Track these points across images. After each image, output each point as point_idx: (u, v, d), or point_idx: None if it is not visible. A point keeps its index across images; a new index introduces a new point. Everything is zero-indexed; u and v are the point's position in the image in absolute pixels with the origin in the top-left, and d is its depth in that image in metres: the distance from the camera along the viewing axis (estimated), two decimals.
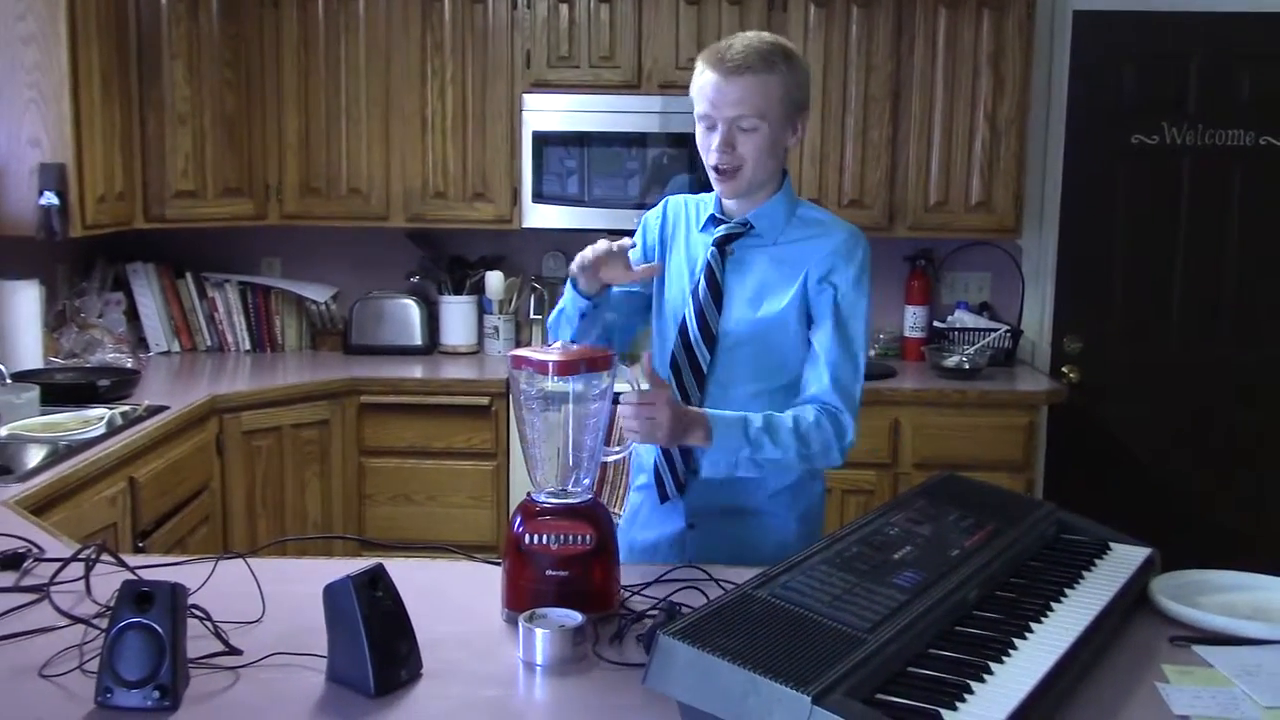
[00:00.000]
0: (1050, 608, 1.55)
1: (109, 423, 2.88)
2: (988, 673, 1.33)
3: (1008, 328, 4.11)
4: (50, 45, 3.19)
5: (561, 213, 3.91)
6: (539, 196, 3.90)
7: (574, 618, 1.52)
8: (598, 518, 1.65)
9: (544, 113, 3.86)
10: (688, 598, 1.66)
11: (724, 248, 1.98)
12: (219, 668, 1.45)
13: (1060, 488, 4.03)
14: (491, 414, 3.76)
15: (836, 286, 1.93)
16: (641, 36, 3.88)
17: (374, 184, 3.99)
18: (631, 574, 1.76)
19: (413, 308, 4.19)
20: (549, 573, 1.61)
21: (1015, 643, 1.42)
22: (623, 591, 1.69)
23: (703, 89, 1.91)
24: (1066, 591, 1.62)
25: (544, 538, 1.62)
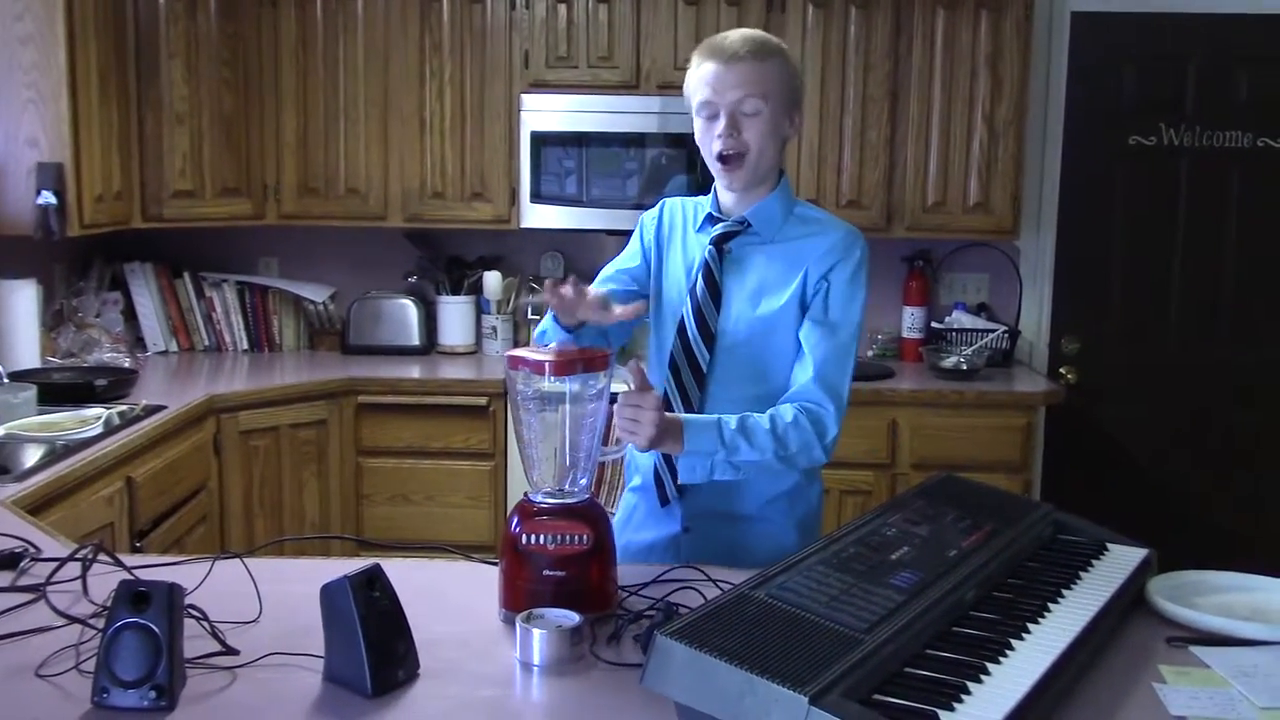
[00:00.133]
0: (1047, 608, 1.55)
1: (106, 422, 2.88)
2: (985, 673, 1.33)
3: (1005, 328, 4.11)
4: (48, 45, 3.18)
5: (560, 213, 3.91)
6: (537, 196, 3.90)
7: (571, 618, 1.52)
8: (595, 518, 1.65)
9: (542, 113, 3.86)
10: (685, 598, 1.66)
11: (722, 246, 1.97)
12: (216, 668, 1.44)
13: (1058, 488, 4.03)
14: (489, 414, 3.76)
15: (830, 283, 1.92)
16: (640, 37, 3.88)
17: (372, 184, 3.99)
18: (629, 574, 1.75)
19: (411, 308, 4.19)
20: (546, 573, 1.61)
21: (1012, 643, 1.42)
22: (620, 592, 1.69)
23: (702, 78, 1.90)
24: (1064, 592, 1.62)
25: (541, 538, 1.62)
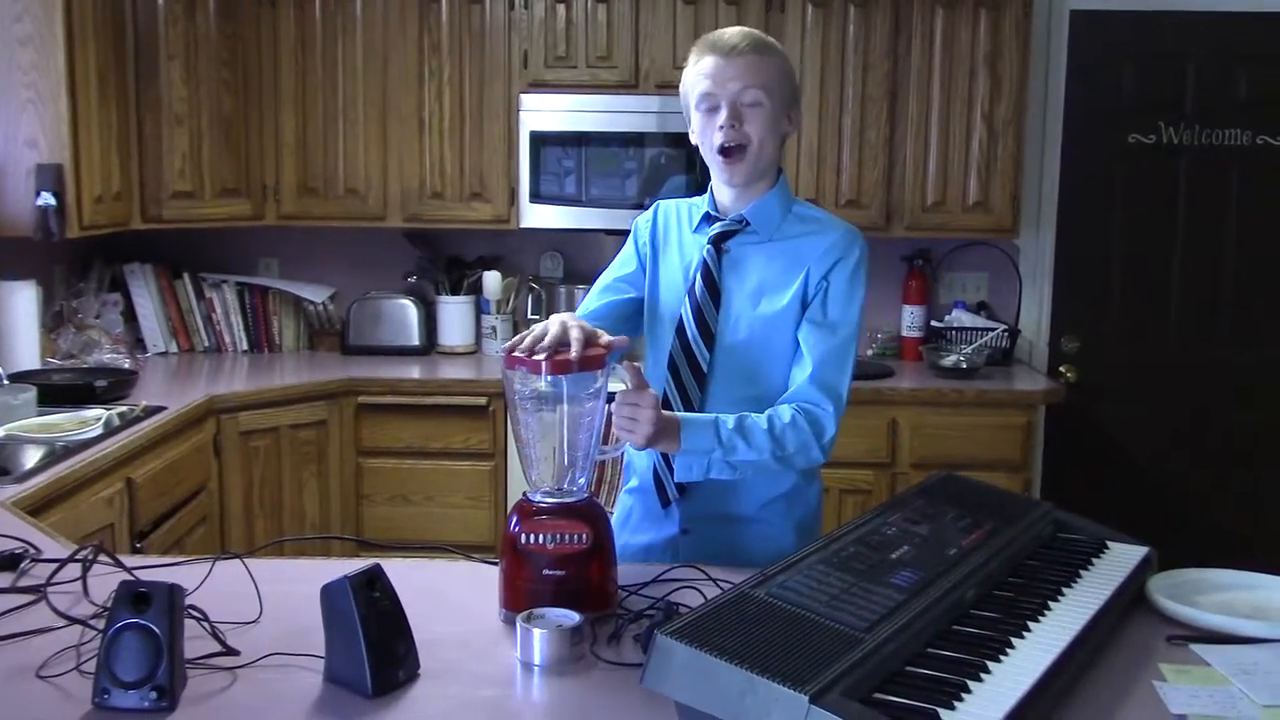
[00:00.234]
0: (1048, 607, 1.55)
1: (106, 423, 2.88)
2: (985, 672, 1.33)
3: (1005, 327, 4.11)
4: (47, 46, 3.18)
5: (559, 213, 3.91)
6: (536, 196, 3.90)
7: (571, 617, 1.52)
8: (594, 517, 1.65)
9: (541, 113, 3.86)
10: (685, 597, 1.66)
11: (720, 246, 1.96)
12: (216, 668, 1.44)
13: (1058, 487, 4.03)
14: (489, 414, 3.76)
15: (830, 283, 1.92)
16: (639, 36, 3.88)
17: (371, 184, 3.99)
18: (629, 574, 1.75)
19: (410, 308, 4.19)
20: (546, 572, 1.60)
21: (1013, 642, 1.42)
22: (620, 591, 1.69)
23: (703, 72, 1.90)
24: (1064, 590, 1.62)
25: (540, 537, 1.61)
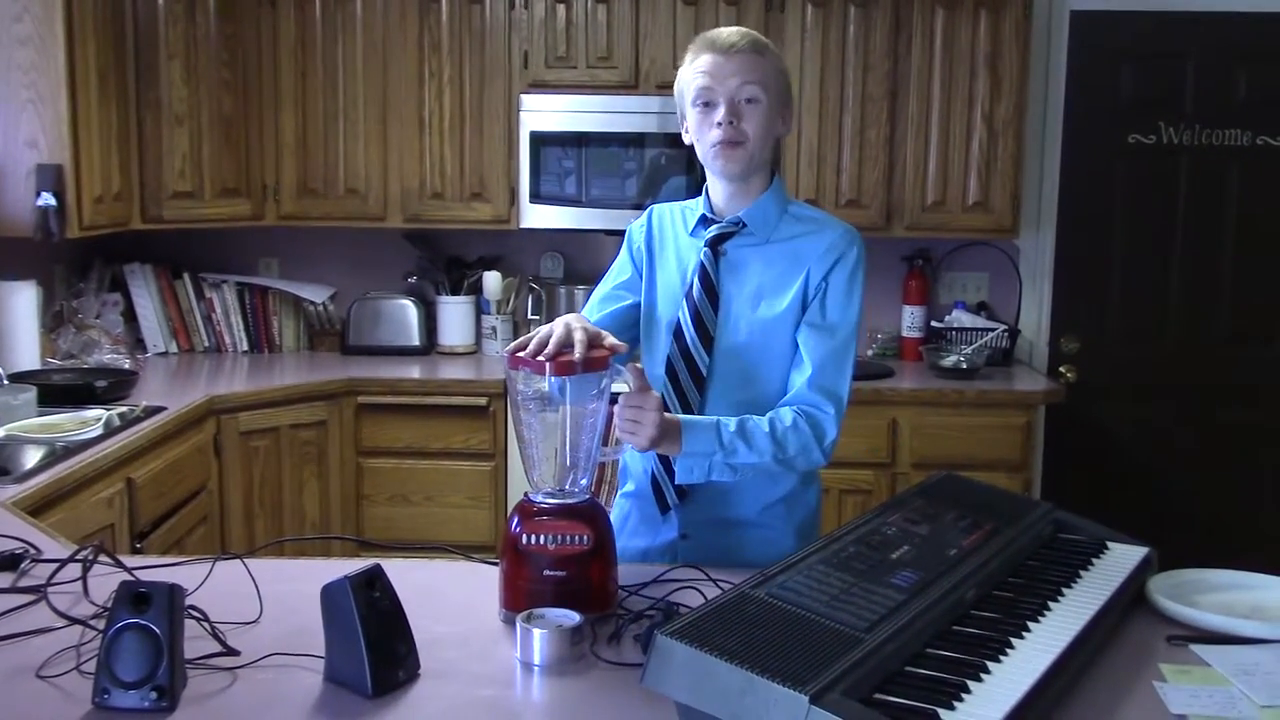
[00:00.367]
0: (1048, 607, 1.55)
1: (106, 423, 2.88)
2: (985, 672, 1.33)
3: (1005, 327, 4.11)
4: (47, 46, 3.18)
5: (559, 213, 3.91)
6: (536, 197, 3.90)
7: (571, 618, 1.52)
8: (595, 518, 1.65)
9: (541, 113, 3.86)
10: (685, 598, 1.66)
11: (717, 248, 1.96)
12: (217, 668, 1.45)
13: (1058, 487, 4.03)
14: (489, 414, 3.76)
15: (829, 284, 1.91)
16: (639, 37, 3.88)
17: (371, 184, 3.99)
18: (629, 574, 1.75)
19: (410, 308, 4.19)
20: (546, 573, 1.61)
21: (1013, 642, 1.42)
22: (620, 591, 1.69)
23: (700, 69, 1.90)
24: (1064, 591, 1.62)
25: (541, 538, 1.62)
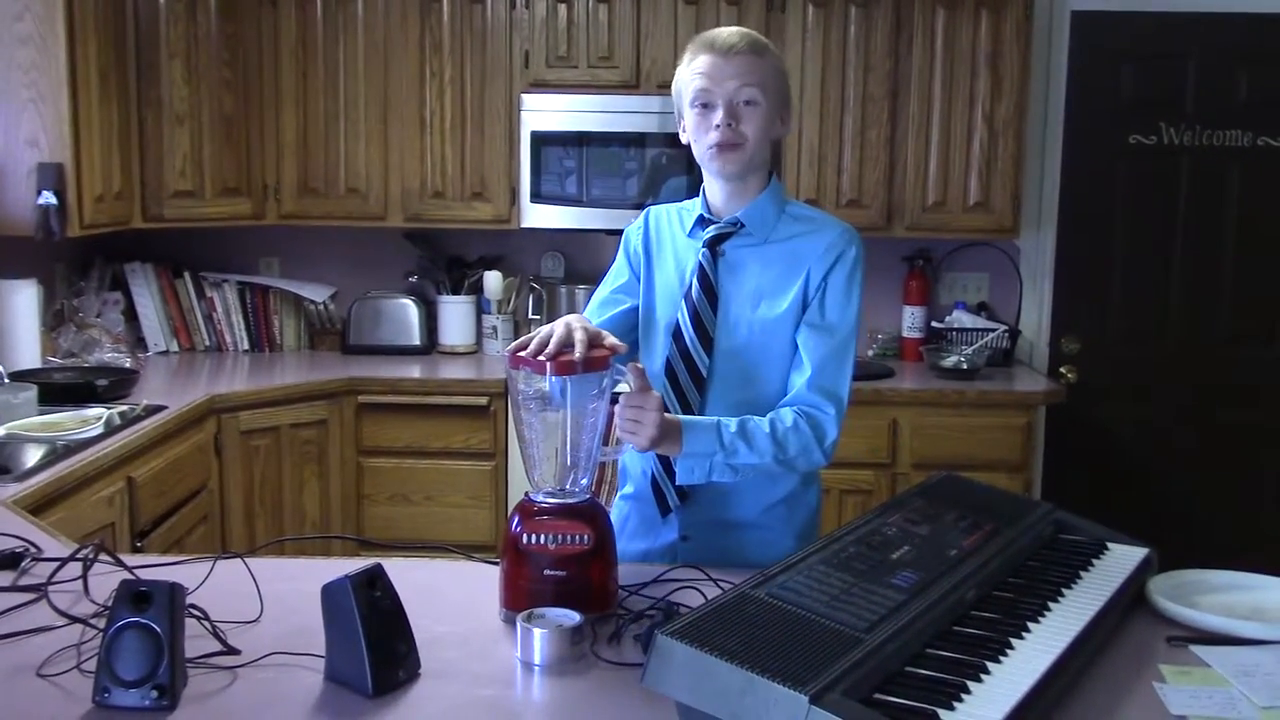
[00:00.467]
0: (1048, 607, 1.55)
1: (107, 422, 2.88)
2: (985, 672, 1.33)
3: (1006, 328, 4.11)
4: (48, 45, 3.18)
5: (560, 213, 3.91)
6: (537, 196, 3.90)
7: (572, 617, 1.52)
8: (596, 517, 1.65)
9: (542, 113, 3.86)
10: (685, 598, 1.66)
11: (715, 249, 1.95)
12: (217, 667, 1.45)
13: (1058, 488, 4.03)
14: (490, 414, 3.76)
15: (828, 283, 1.91)
16: (640, 36, 3.88)
17: (372, 184, 3.99)
18: (629, 574, 1.76)
19: (411, 308, 4.19)
20: (547, 572, 1.61)
21: (1013, 642, 1.42)
22: (621, 591, 1.69)
23: (698, 70, 1.89)
24: (1064, 591, 1.62)
25: (542, 537, 1.62)
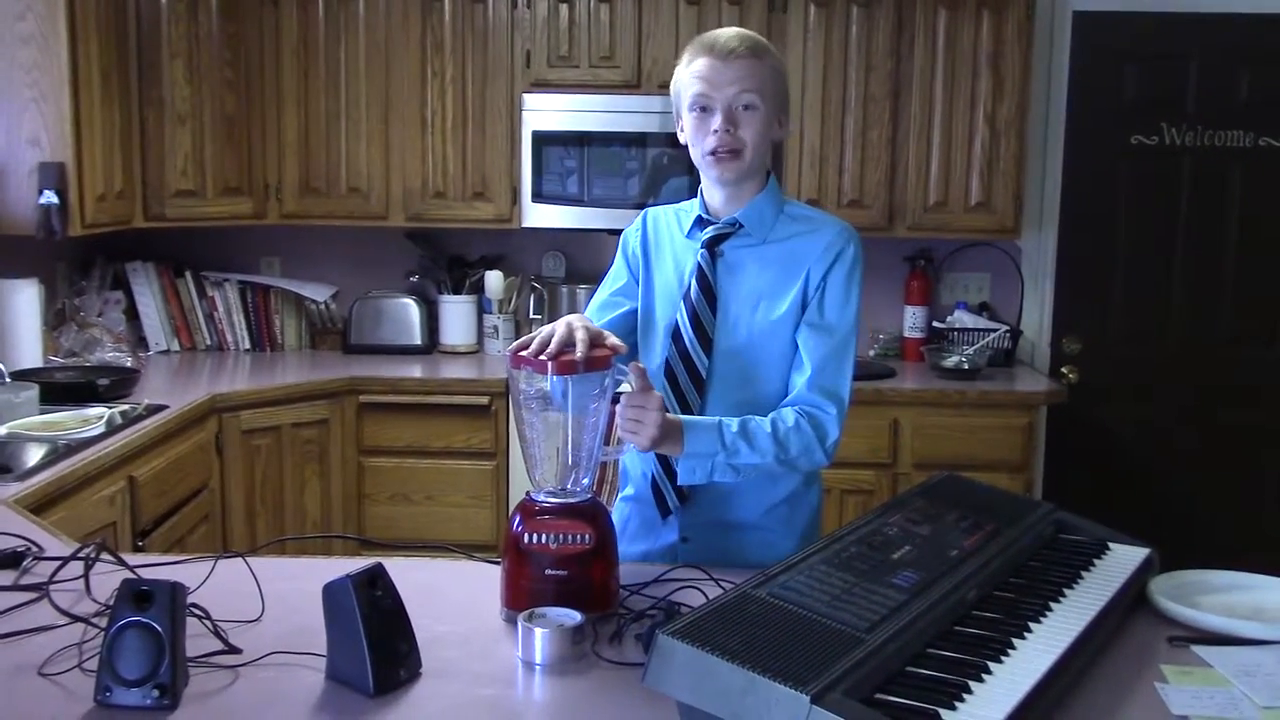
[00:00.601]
0: (1049, 608, 1.55)
1: (108, 422, 2.88)
2: (987, 672, 1.33)
3: (1007, 328, 4.11)
4: (50, 44, 3.19)
5: (561, 212, 3.91)
6: (539, 196, 3.90)
7: (573, 617, 1.52)
8: (597, 517, 1.65)
9: (544, 112, 3.86)
10: (686, 597, 1.66)
11: (714, 249, 1.95)
12: (218, 666, 1.45)
13: (1059, 488, 4.03)
14: (491, 413, 3.76)
15: (827, 283, 1.91)
16: (641, 36, 3.88)
17: (373, 183, 3.99)
18: (630, 573, 1.76)
19: (412, 307, 4.19)
20: (548, 572, 1.61)
21: (1014, 642, 1.42)
22: (622, 591, 1.69)
23: (697, 74, 1.87)
24: (1065, 591, 1.62)
25: (543, 537, 1.62)
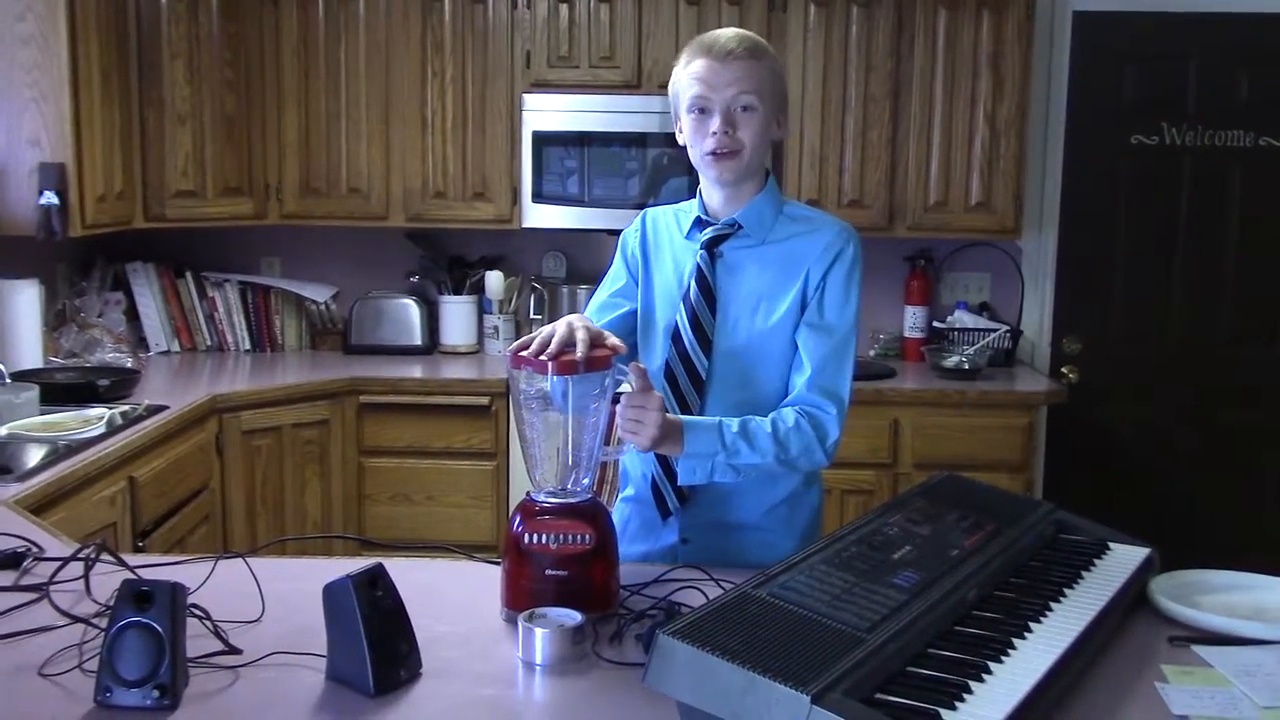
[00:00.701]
0: (1049, 608, 1.55)
1: (109, 422, 2.88)
2: (987, 672, 1.33)
3: (1007, 328, 4.11)
4: (50, 45, 3.19)
5: (561, 213, 3.91)
6: (539, 196, 3.90)
7: (573, 617, 1.52)
8: (597, 517, 1.65)
9: (544, 113, 3.86)
10: (687, 597, 1.66)
11: (713, 250, 1.94)
12: (218, 667, 1.45)
13: (1059, 488, 4.03)
14: (491, 414, 3.76)
15: (827, 283, 1.90)
16: (641, 36, 3.88)
17: (374, 184, 3.99)
18: (631, 574, 1.76)
19: (412, 307, 4.19)
20: (548, 572, 1.61)
21: (1014, 642, 1.42)
22: (622, 591, 1.69)
23: (695, 75, 1.87)
24: (1066, 591, 1.62)
25: (543, 537, 1.62)
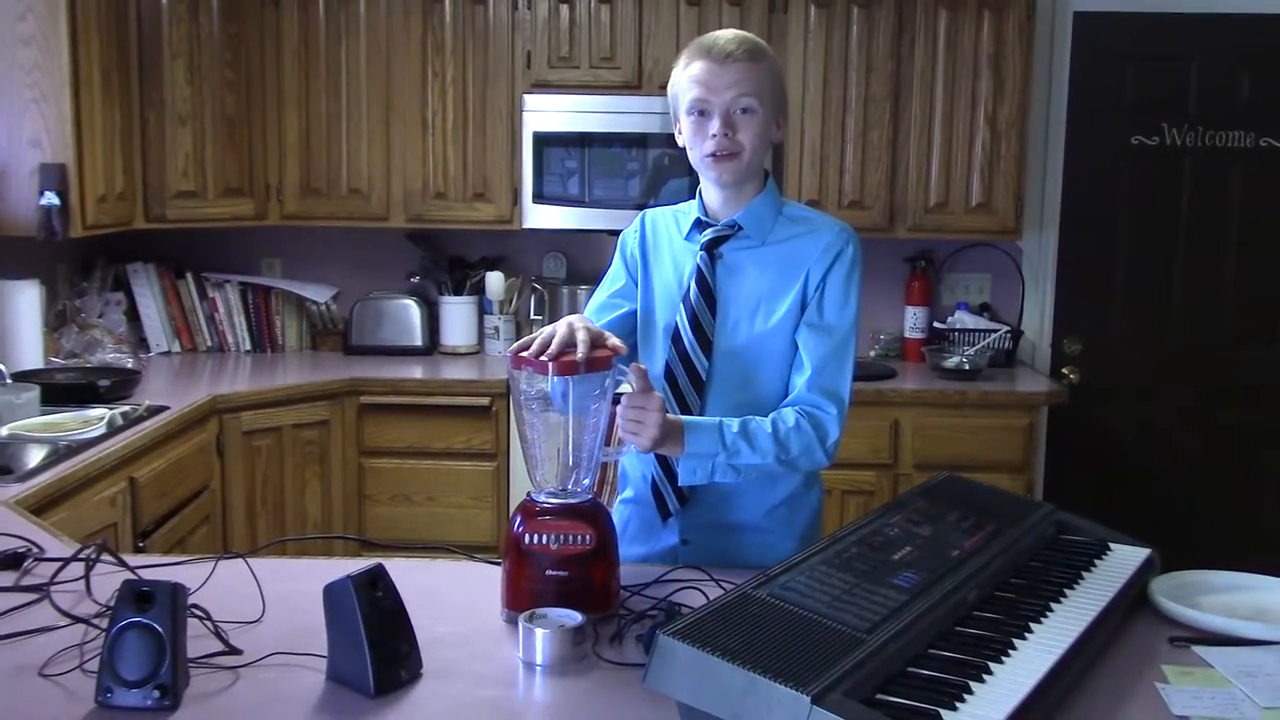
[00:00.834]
0: (1050, 608, 1.55)
1: (109, 423, 2.89)
2: (987, 673, 1.33)
3: (1008, 329, 4.11)
4: (51, 45, 3.19)
5: (562, 213, 3.91)
6: (539, 197, 3.90)
7: (574, 618, 1.52)
8: (598, 518, 1.65)
9: (544, 113, 3.86)
10: (687, 598, 1.66)
11: (712, 251, 1.94)
12: (219, 667, 1.45)
13: (1060, 489, 4.03)
14: (492, 414, 3.76)
15: (827, 283, 1.91)
16: (642, 37, 3.88)
17: (374, 184, 3.99)
18: (631, 574, 1.76)
19: (413, 308, 4.19)
20: (549, 573, 1.61)
21: (1015, 643, 1.42)
22: (622, 591, 1.69)
23: (695, 77, 1.87)
24: (1066, 592, 1.62)
25: (544, 538, 1.62)
